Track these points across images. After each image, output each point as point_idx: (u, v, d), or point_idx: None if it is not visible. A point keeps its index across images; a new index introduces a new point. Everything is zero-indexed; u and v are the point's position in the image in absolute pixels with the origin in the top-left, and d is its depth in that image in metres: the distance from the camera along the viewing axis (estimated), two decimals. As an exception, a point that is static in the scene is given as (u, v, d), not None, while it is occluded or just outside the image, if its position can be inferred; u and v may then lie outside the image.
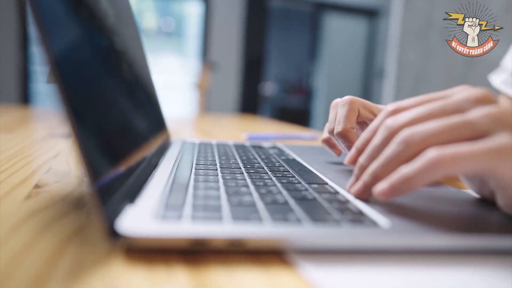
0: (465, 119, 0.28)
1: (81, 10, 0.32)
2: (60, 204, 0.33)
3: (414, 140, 0.29)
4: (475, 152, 0.26)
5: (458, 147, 0.27)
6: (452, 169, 0.26)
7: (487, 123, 0.28)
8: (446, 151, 0.27)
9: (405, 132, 0.30)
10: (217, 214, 0.27)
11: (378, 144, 0.32)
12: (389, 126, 0.32)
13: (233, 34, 4.71)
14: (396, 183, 0.28)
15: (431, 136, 0.29)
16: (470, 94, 0.30)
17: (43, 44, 0.23)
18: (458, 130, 0.28)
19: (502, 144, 0.26)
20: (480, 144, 0.27)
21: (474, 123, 0.28)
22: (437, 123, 0.29)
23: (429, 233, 0.27)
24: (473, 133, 0.28)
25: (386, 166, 0.30)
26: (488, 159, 0.26)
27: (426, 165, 0.27)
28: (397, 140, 0.30)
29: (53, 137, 0.72)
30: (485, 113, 0.28)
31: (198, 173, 0.39)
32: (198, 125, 1.27)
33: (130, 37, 0.51)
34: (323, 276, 0.23)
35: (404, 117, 0.31)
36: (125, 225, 0.24)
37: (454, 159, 0.26)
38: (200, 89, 3.49)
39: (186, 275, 0.22)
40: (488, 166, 0.26)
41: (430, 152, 0.27)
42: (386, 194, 0.29)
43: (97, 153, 0.27)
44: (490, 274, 0.24)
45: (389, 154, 0.30)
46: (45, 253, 0.24)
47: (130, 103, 0.42)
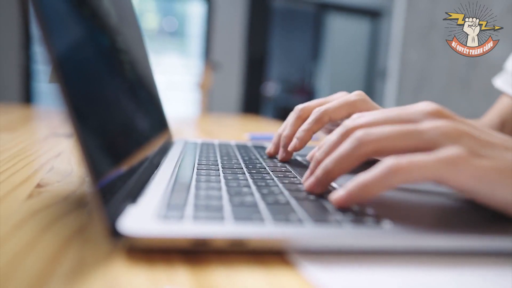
0: (416, 128, 0.30)
1: (83, 9, 0.32)
2: (62, 204, 0.33)
3: (366, 139, 0.31)
4: (428, 162, 0.28)
5: (413, 157, 0.28)
6: (408, 177, 0.28)
7: (436, 135, 0.29)
8: (402, 159, 0.28)
9: (359, 131, 0.31)
10: (219, 214, 0.27)
11: (334, 140, 0.34)
12: (346, 125, 0.34)
13: (236, 34, 4.72)
14: (353, 190, 0.29)
15: (383, 139, 0.30)
16: (426, 107, 0.32)
17: (45, 44, 0.23)
18: (408, 137, 0.30)
19: (451, 155, 0.28)
20: (432, 155, 0.28)
21: (424, 133, 0.30)
22: (390, 128, 0.31)
23: (431, 233, 0.27)
24: (422, 142, 0.30)
25: (337, 162, 0.32)
26: (439, 169, 0.28)
27: (384, 172, 0.28)
28: (351, 138, 0.32)
29: (55, 137, 0.72)
30: (435, 125, 0.30)
31: (200, 173, 0.39)
32: (200, 125, 1.27)
33: (132, 36, 0.51)
34: (325, 277, 0.23)
35: (361, 120, 0.33)
36: (126, 225, 0.24)
37: (410, 168, 0.28)
38: (202, 89, 3.49)
39: (188, 275, 0.22)
40: (440, 175, 0.28)
41: (388, 160, 0.28)
42: (342, 201, 0.30)
43: (99, 153, 0.27)
44: (491, 275, 0.24)
45: (342, 150, 0.32)
46: (47, 253, 0.24)
47: (132, 102, 0.42)
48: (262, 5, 4.77)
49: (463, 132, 0.30)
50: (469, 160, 0.28)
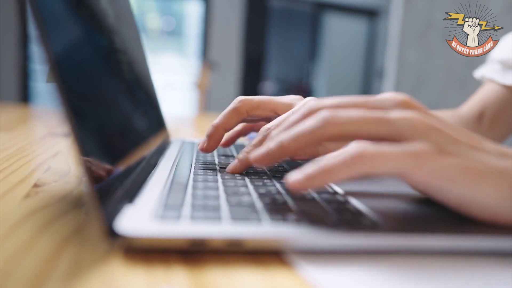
0: (384, 116, 0.29)
1: (81, 9, 0.32)
2: (59, 204, 0.33)
3: (332, 120, 0.29)
4: (394, 154, 0.27)
5: (379, 147, 0.27)
6: (371, 167, 0.27)
7: (404, 126, 0.28)
8: (369, 147, 0.27)
9: (325, 111, 0.30)
10: (216, 214, 0.27)
11: (294, 119, 0.32)
12: (310, 105, 0.32)
13: (233, 34, 4.72)
14: (314, 174, 0.27)
15: (350, 123, 0.29)
16: (395, 96, 0.31)
17: (43, 43, 0.23)
18: (376, 124, 0.29)
19: (417, 150, 0.27)
20: (398, 147, 0.27)
21: (392, 122, 0.29)
22: (358, 112, 0.29)
23: (428, 233, 0.27)
24: (390, 132, 0.29)
25: (296, 138, 0.30)
26: (404, 163, 0.27)
27: (348, 159, 0.26)
28: (316, 117, 0.30)
29: (52, 136, 0.72)
30: (404, 116, 0.29)
31: (197, 173, 0.39)
32: (197, 124, 1.26)
33: (130, 36, 0.51)
34: (322, 277, 0.23)
35: (328, 101, 0.31)
36: (124, 225, 0.24)
37: (374, 158, 0.26)
38: (200, 88, 3.49)
39: (185, 275, 0.22)
40: (404, 169, 0.27)
41: (354, 146, 0.27)
42: (300, 185, 0.27)
43: (96, 153, 0.27)
44: (488, 275, 0.24)
45: (303, 127, 0.30)
46: (44, 253, 0.24)
47: (129, 102, 0.42)
48: (260, 5, 4.78)
49: (432, 127, 0.29)
50: (434, 157, 0.27)
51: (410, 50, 3.22)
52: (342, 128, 0.29)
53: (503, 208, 0.28)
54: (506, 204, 0.28)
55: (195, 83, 3.55)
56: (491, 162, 0.29)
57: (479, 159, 0.29)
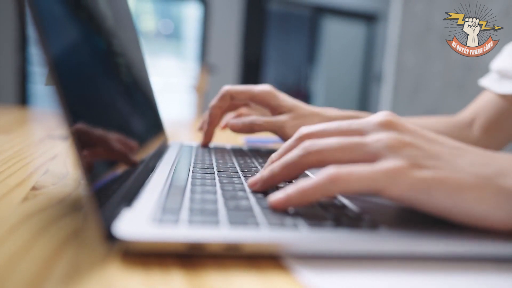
0: (360, 141, 0.31)
1: (80, 12, 0.32)
2: (57, 207, 0.33)
3: (311, 149, 0.32)
4: (366, 173, 0.28)
5: (353, 168, 0.29)
6: (346, 187, 0.28)
7: (378, 147, 0.30)
8: (342, 170, 0.29)
9: (307, 141, 0.33)
10: (214, 219, 0.27)
11: (288, 145, 0.37)
12: (301, 132, 0.36)
13: (232, 37, 4.72)
14: (292, 195, 0.30)
15: (326, 150, 0.32)
16: (378, 118, 0.33)
17: (41, 46, 0.23)
18: (351, 150, 0.31)
19: (388, 167, 0.28)
20: (371, 167, 0.29)
21: (367, 145, 0.31)
22: (334, 140, 0.32)
23: (426, 238, 0.27)
24: (364, 155, 0.31)
25: (283, 167, 0.34)
26: (377, 180, 0.28)
27: (323, 180, 0.29)
28: (299, 147, 0.34)
29: (51, 139, 0.72)
30: (379, 138, 0.31)
31: (195, 177, 0.39)
32: (195, 128, 1.26)
33: (128, 39, 0.51)
34: (320, 281, 0.23)
35: (313, 128, 0.35)
36: (122, 229, 0.24)
37: (348, 178, 0.28)
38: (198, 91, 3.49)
39: (183, 279, 0.22)
40: (378, 186, 0.28)
41: (329, 169, 0.29)
42: (281, 204, 0.30)
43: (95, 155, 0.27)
44: (486, 281, 0.24)
45: (288, 157, 0.34)
46: (42, 256, 0.24)
47: (128, 105, 0.42)
48: (258, 8, 4.78)
49: (406, 143, 0.30)
50: (407, 172, 0.28)
51: (408, 54, 3.23)
52: (321, 156, 0.32)
53: (492, 215, 0.28)
54: (494, 211, 0.28)
55: (194, 86, 3.55)
56: (473, 170, 0.29)
57: (460, 169, 0.29)
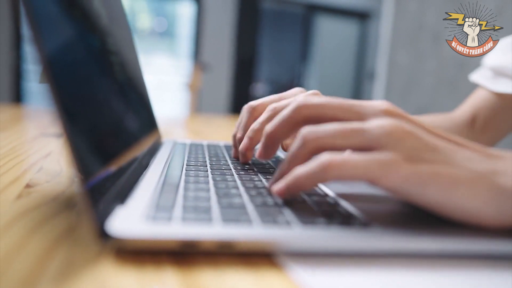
0: (360, 126, 0.30)
1: (74, 10, 0.32)
2: (51, 204, 0.33)
3: (310, 137, 0.31)
4: (360, 162, 0.28)
5: (349, 156, 0.29)
6: (339, 174, 0.28)
7: (378, 134, 0.29)
8: (336, 157, 0.29)
9: (305, 129, 0.32)
10: (207, 216, 0.27)
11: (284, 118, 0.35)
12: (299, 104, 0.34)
13: (225, 35, 4.71)
14: (289, 182, 0.30)
15: (325, 137, 0.31)
16: (378, 105, 0.32)
17: (36, 44, 0.23)
18: (351, 136, 0.30)
19: (385, 159, 0.28)
20: (367, 156, 0.29)
21: (367, 132, 0.30)
22: (334, 126, 0.31)
23: (418, 236, 0.27)
24: (365, 141, 0.30)
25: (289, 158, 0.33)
26: (371, 170, 0.28)
27: (317, 167, 0.29)
28: (298, 137, 0.32)
29: (44, 137, 0.72)
30: (380, 124, 0.30)
31: (189, 174, 0.39)
32: (189, 125, 1.26)
33: (122, 37, 0.51)
34: (313, 279, 0.23)
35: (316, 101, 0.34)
36: (115, 226, 0.24)
37: (342, 166, 0.28)
38: (191, 89, 3.49)
39: (176, 277, 0.22)
40: (371, 176, 0.28)
41: (323, 156, 0.29)
42: (281, 192, 0.31)
43: (89, 153, 0.27)
44: (478, 278, 0.25)
45: (292, 150, 0.33)
46: (36, 253, 0.24)
47: (121, 103, 0.42)
48: (251, 6, 4.78)
49: (408, 133, 0.29)
50: (402, 164, 0.28)
51: (401, 52, 3.24)
52: (320, 142, 0.31)
53: (483, 212, 0.28)
54: (486, 208, 0.28)
55: (187, 84, 3.54)
56: (471, 166, 0.29)
57: (456, 164, 0.29)
